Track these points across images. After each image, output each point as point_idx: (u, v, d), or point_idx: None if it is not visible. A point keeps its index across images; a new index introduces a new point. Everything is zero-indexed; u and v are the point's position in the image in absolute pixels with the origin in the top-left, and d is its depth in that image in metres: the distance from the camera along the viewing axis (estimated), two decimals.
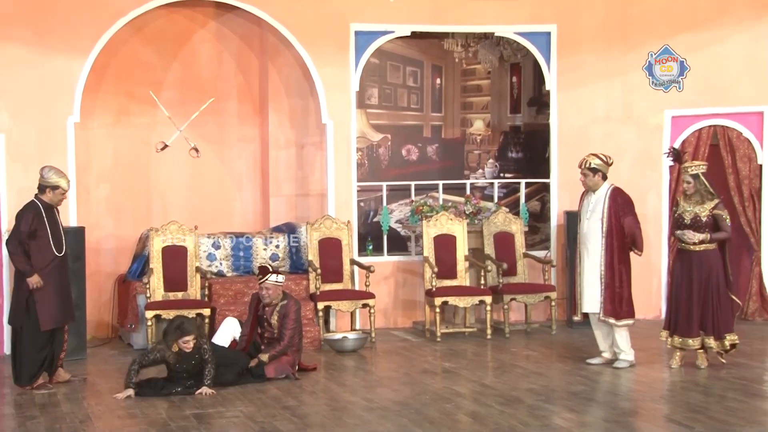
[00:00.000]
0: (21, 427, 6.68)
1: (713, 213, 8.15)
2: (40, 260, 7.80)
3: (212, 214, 10.74)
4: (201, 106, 10.00)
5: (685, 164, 8.34)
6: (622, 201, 8.32)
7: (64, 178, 7.97)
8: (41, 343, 7.84)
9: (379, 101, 10.97)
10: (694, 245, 8.14)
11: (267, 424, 6.63)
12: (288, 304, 8.19)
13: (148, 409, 7.06)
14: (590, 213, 8.35)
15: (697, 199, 8.20)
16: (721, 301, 8.14)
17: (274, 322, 8.18)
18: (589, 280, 8.34)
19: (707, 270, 8.12)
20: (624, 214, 8.28)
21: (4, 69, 9.29)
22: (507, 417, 6.70)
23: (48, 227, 7.84)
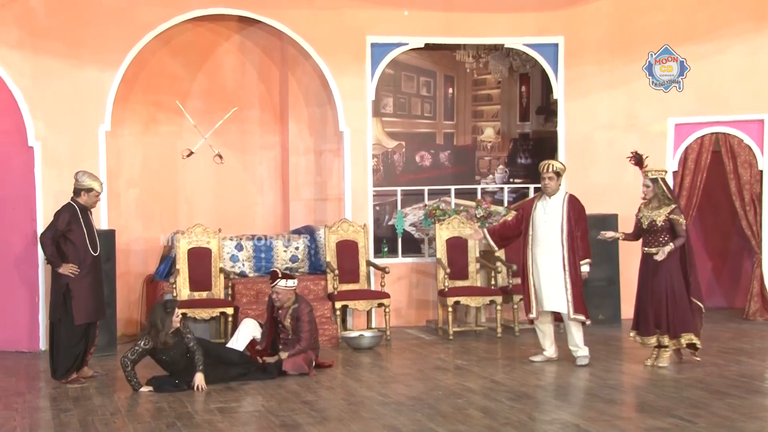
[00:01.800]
0: (55, 419, 6.73)
1: (670, 217, 8.05)
2: (77, 259, 7.89)
3: (235, 217, 10.77)
4: (225, 115, 10.04)
5: (645, 169, 8.25)
6: (580, 208, 8.26)
7: (97, 181, 8.07)
8: (76, 338, 7.91)
9: (394, 110, 10.99)
10: (652, 249, 8.07)
11: (287, 417, 6.65)
12: (299, 307, 8.19)
13: (174, 403, 7.10)
14: (547, 217, 8.26)
15: (654, 204, 8.12)
16: (677, 302, 8.04)
17: (288, 324, 8.20)
18: (550, 280, 8.24)
19: (664, 272, 8.03)
20: (578, 221, 8.20)
21: (40, 80, 9.36)
22: (516, 412, 6.70)
23: (84, 228, 7.93)
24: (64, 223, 7.91)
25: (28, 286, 9.36)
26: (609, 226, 10.45)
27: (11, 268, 9.41)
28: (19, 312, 9.40)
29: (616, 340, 9.61)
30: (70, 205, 8.03)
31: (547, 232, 8.24)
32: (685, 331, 8.07)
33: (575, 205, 8.26)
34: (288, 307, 8.21)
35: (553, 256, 8.22)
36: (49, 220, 8.33)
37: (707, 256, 11.84)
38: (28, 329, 9.37)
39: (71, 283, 7.87)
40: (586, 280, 8.33)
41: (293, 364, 8.03)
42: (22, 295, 9.39)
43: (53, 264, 7.92)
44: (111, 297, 9.11)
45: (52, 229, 7.93)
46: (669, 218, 8.05)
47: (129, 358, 7.51)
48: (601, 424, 6.33)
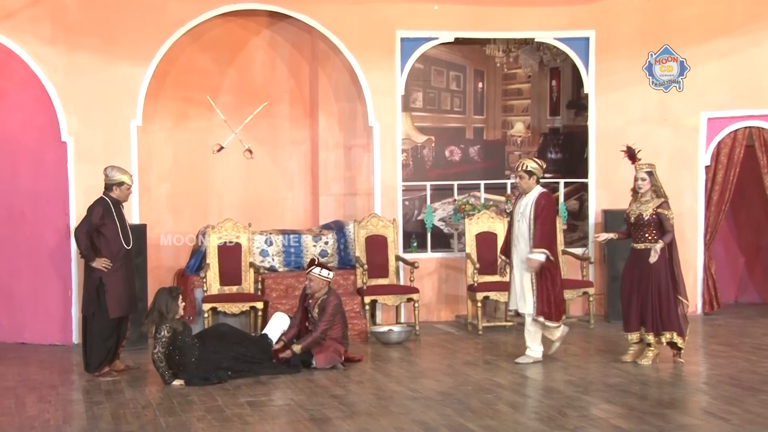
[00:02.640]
0: (88, 412, 6.80)
1: (657, 212, 7.96)
2: (110, 252, 7.97)
3: (265, 212, 10.81)
4: (255, 110, 10.08)
5: (639, 162, 8.17)
6: (543, 203, 8.15)
7: (126, 174, 8.15)
8: (108, 332, 7.99)
9: (424, 104, 10.97)
10: (638, 244, 7.99)
11: (316, 411, 6.67)
12: (328, 299, 8.21)
13: (204, 397, 7.15)
14: (521, 215, 8.24)
15: (648, 197, 8.03)
16: (661, 300, 7.95)
17: (315, 315, 8.23)
18: (520, 282, 8.19)
19: (650, 268, 7.94)
20: (539, 216, 8.11)
21: (73, 76, 9.44)
22: (546, 407, 6.68)
23: (117, 222, 8.02)
24: (98, 218, 7.98)
25: (61, 279, 9.47)
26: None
27: (45, 262, 9.52)
28: (52, 305, 9.51)
29: None
30: (102, 200, 8.09)
31: (520, 231, 8.23)
32: (668, 330, 7.98)
33: (539, 202, 8.16)
34: (318, 297, 8.24)
35: (522, 255, 8.18)
36: (82, 214, 8.42)
37: (740, 252, 11.73)
38: (62, 322, 9.48)
39: (104, 277, 7.94)
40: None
41: (326, 358, 8.04)
42: (56, 288, 9.49)
43: (87, 258, 7.99)
44: (142, 291, 9.17)
45: (86, 224, 8.00)
46: (657, 212, 7.96)
47: (160, 351, 7.56)
48: (632, 420, 6.30)
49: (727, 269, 11.54)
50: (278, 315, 8.56)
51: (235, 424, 6.40)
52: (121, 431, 6.28)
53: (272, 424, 6.40)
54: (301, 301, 8.38)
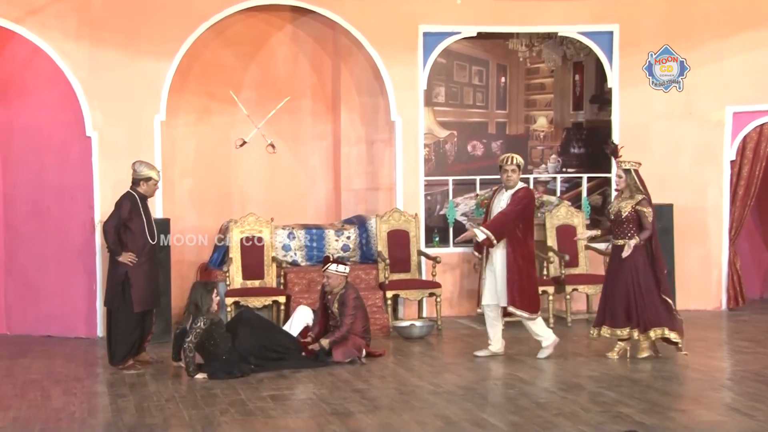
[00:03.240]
0: (113, 405, 6.85)
1: (636, 209, 7.94)
2: (136, 247, 8.02)
3: (287, 206, 10.83)
4: (277, 105, 10.10)
5: (619, 159, 8.15)
6: (520, 196, 8.11)
7: (154, 170, 8.22)
8: (133, 325, 8.04)
9: (446, 99, 10.95)
10: (618, 240, 7.97)
11: (339, 405, 6.68)
12: (346, 293, 8.22)
13: (227, 391, 7.18)
14: (499, 209, 8.19)
15: (627, 194, 8.01)
16: (644, 296, 7.90)
17: (335, 310, 8.24)
18: (497, 275, 8.17)
19: (629, 265, 7.89)
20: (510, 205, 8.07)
21: (98, 71, 9.50)
22: (569, 403, 6.66)
23: (143, 217, 8.09)
24: (126, 212, 8.03)
25: (86, 273, 9.53)
26: (664, 216, 10.36)
27: (70, 256, 9.60)
28: (77, 299, 9.58)
29: None
30: (130, 194, 8.14)
31: None
32: (656, 326, 7.93)
33: (516, 194, 8.14)
34: (336, 293, 8.25)
35: (500, 250, 8.15)
36: (107, 209, 8.50)
37: (766, 247, 11.65)
38: (86, 316, 9.55)
39: (129, 271, 7.99)
40: None
41: (343, 352, 8.06)
42: (81, 282, 9.56)
43: (114, 252, 8.03)
44: (165, 285, 9.22)
45: (115, 218, 8.05)
46: (635, 209, 7.94)
47: (193, 341, 7.60)
48: (655, 416, 6.26)
49: (752, 265, 11.45)
50: (301, 308, 8.59)
51: (257, 417, 6.42)
52: (144, 424, 6.32)
53: (295, 418, 6.41)
54: (321, 299, 8.40)
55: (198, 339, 7.60)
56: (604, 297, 8.14)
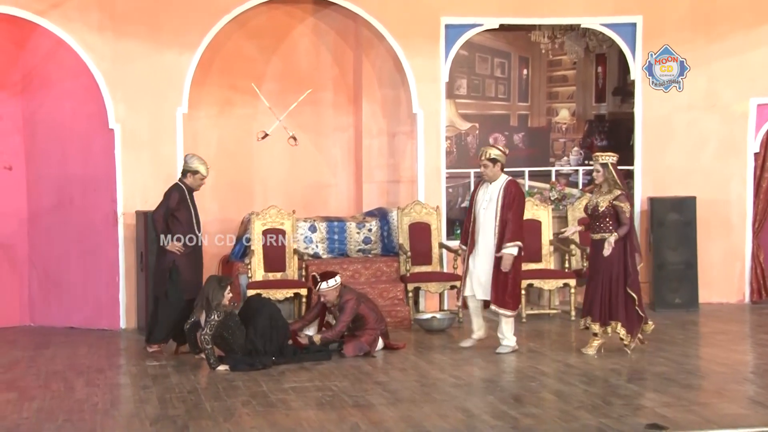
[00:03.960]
0: (135, 396, 6.89)
1: (613, 203, 7.88)
2: (184, 237, 8.19)
3: (309, 199, 10.83)
4: (299, 97, 10.09)
5: (596, 153, 8.11)
6: (514, 192, 8.09)
7: (203, 165, 8.39)
8: (177, 313, 8.17)
9: (468, 91, 10.91)
10: (595, 235, 7.94)
11: (360, 398, 6.69)
12: (344, 301, 8.18)
13: (249, 382, 7.20)
14: (487, 203, 8.16)
15: (604, 189, 7.98)
16: (611, 289, 7.88)
17: (336, 313, 8.28)
18: (482, 269, 8.14)
19: (608, 260, 7.86)
20: (510, 206, 8.04)
21: (121, 63, 9.53)
22: (590, 396, 6.63)
23: (192, 208, 8.31)
24: (175, 202, 8.22)
25: (108, 265, 9.58)
26: (687, 209, 10.31)
27: (93, 248, 9.65)
28: (100, 291, 9.64)
29: (693, 325, 9.45)
30: (178, 185, 8.33)
31: (486, 219, 8.16)
32: (614, 319, 7.91)
33: (509, 191, 8.10)
34: (336, 303, 8.25)
35: (488, 243, 8.13)
36: (129, 200, 8.65)
37: None
38: (109, 308, 9.60)
39: (177, 260, 8.16)
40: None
41: (354, 347, 8.06)
42: (104, 274, 9.61)
43: (162, 241, 8.20)
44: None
45: (163, 207, 8.23)
46: (612, 204, 7.90)
47: (208, 334, 7.63)
48: (678, 410, 6.23)
49: None
50: None
51: (279, 409, 6.43)
52: (167, 415, 6.35)
53: (316, 410, 6.42)
54: (320, 306, 8.35)
55: (213, 331, 7.63)
56: (587, 291, 8.13)
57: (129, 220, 9.54)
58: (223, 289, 7.75)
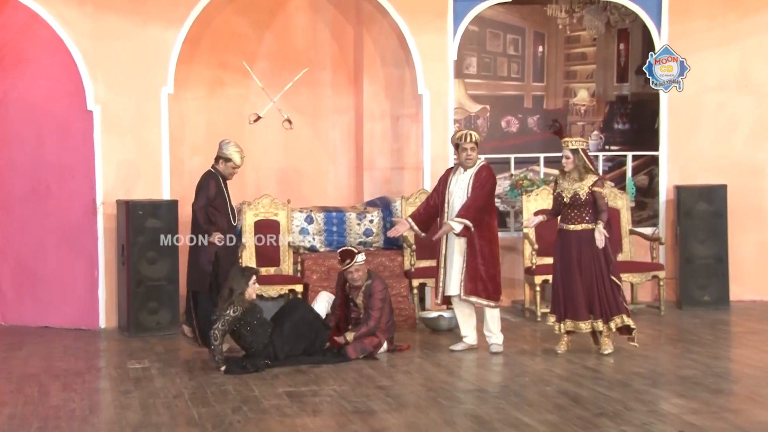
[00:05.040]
0: (116, 402, 6.86)
1: (592, 190, 7.94)
2: (220, 227, 8.36)
3: (305, 187, 10.82)
4: (295, 77, 10.04)
5: (564, 139, 8.12)
6: (484, 176, 8.14)
7: (238, 154, 8.52)
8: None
9: (478, 71, 10.87)
10: (575, 225, 7.97)
11: (360, 403, 6.66)
12: (373, 284, 8.18)
13: (240, 386, 7.17)
14: (461, 192, 8.19)
15: (575, 176, 8.00)
16: (604, 283, 7.94)
17: (360, 302, 8.20)
18: (454, 261, 8.18)
19: (589, 250, 7.91)
20: (476, 188, 8.08)
21: (101, 40, 9.49)
22: (611, 401, 6.60)
23: (227, 197, 8.46)
24: (214, 191, 8.38)
25: (87, 259, 9.56)
26: (717, 198, 10.28)
27: (71, 240, 9.63)
28: (78, 287, 9.62)
29: (723, 324, 9.43)
30: (213, 173, 8.48)
31: (456, 207, 8.18)
32: (616, 314, 7.97)
33: (479, 175, 8.17)
34: (361, 285, 8.20)
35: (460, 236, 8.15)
36: (109, 188, 8.59)
37: None
38: (88, 305, 9.58)
39: (219, 252, 8.29)
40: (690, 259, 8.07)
41: (355, 348, 8.02)
42: (82, 268, 9.59)
43: (206, 232, 8.30)
44: (173, 272, 9.26)
45: (203, 198, 8.38)
46: (592, 191, 7.95)
47: (219, 329, 7.62)
48: (707, 416, 6.20)
49: None
50: (323, 294, 8.55)
51: (272, 416, 6.41)
52: (150, 422, 6.32)
53: (313, 417, 6.40)
54: (341, 290, 8.31)
55: (227, 327, 7.62)
56: (561, 287, 8.08)
57: (109, 210, 9.51)
58: (246, 278, 7.77)
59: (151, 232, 9.22)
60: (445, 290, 8.32)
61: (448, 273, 8.26)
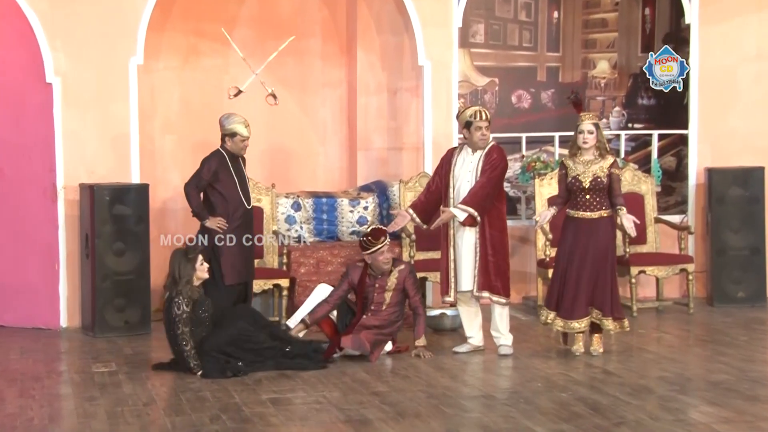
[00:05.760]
0: (79, 409, 6.87)
1: (611, 171, 7.99)
2: (226, 212, 8.49)
3: (292, 170, 10.84)
4: (280, 46, 10.06)
5: (582, 113, 8.17)
6: (495, 158, 8.18)
7: (241, 124, 8.67)
8: (228, 301, 8.31)
9: (486, 39, 10.88)
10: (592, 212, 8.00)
11: (353, 412, 6.68)
12: (405, 269, 8.33)
13: (219, 392, 7.19)
14: (469, 174, 8.22)
15: (590, 156, 8.04)
16: (613, 277, 8.02)
17: (386, 295, 8.22)
18: (463, 252, 8.22)
19: (603, 241, 7.97)
20: (485, 171, 8.11)
21: (61, 3, 9.47)
22: (633, 409, 6.63)
23: (235, 177, 8.54)
24: (209, 173, 8.52)
25: (46, 251, 9.56)
26: (754, 182, 10.31)
27: (27, 231, 9.61)
28: (36, 281, 9.61)
29: (759, 323, 9.50)
30: (218, 152, 8.65)
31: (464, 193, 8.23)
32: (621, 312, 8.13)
33: (489, 156, 8.20)
34: (390, 269, 8.22)
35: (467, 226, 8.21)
36: (71, 171, 8.66)
37: None
38: (47, 302, 9.58)
39: (219, 239, 8.40)
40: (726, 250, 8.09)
41: (353, 341, 8.04)
42: (40, 261, 9.59)
43: (199, 217, 8.52)
44: (144, 266, 9.28)
45: (196, 178, 8.54)
46: (609, 172, 8.00)
47: (183, 330, 7.59)
48: (740, 426, 6.24)
49: None
50: (322, 287, 8.54)
51: (255, 425, 6.43)
52: None
53: (300, 427, 6.42)
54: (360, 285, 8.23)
55: (188, 326, 7.59)
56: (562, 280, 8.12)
57: (71, 195, 9.51)
58: (192, 261, 7.72)
59: (119, 220, 9.22)
60: (458, 285, 8.32)
61: (459, 266, 8.27)
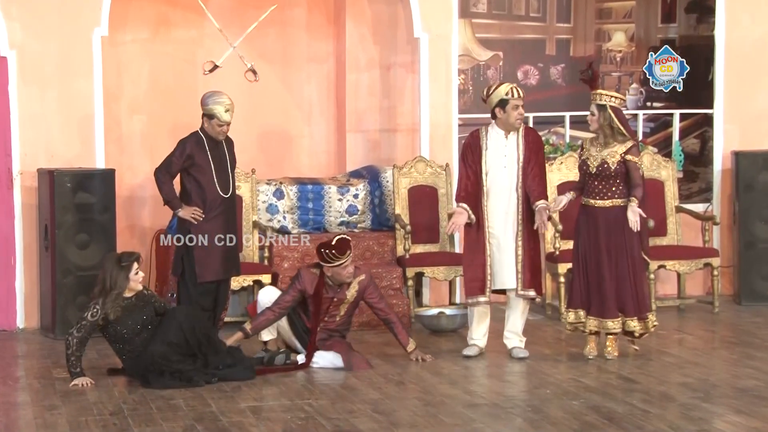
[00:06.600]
0: (38, 419, 6.88)
1: (625, 159, 8.01)
2: (202, 200, 8.44)
3: (274, 154, 10.84)
4: (260, 16, 10.05)
5: (596, 91, 8.20)
6: (538, 141, 8.37)
7: (221, 105, 8.49)
8: (204, 298, 8.33)
9: (489, 9, 10.87)
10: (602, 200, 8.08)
11: (342, 421, 6.70)
12: (365, 280, 8.22)
13: (194, 400, 7.21)
14: (507, 160, 8.27)
15: (600, 140, 8.09)
16: (636, 273, 8.08)
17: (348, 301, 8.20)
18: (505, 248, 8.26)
19: (620, 233, 8.02)
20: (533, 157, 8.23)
21: None
22: (652, 419, 6.66)
23: (212, 163, 8.43)
24: (180, 156, 8.43)
25: (1, 244, 9.55)
26: None
27: None
28: None
29: None
30: (195, 134, 8.56)
31: (508, 180, 8.28)
32: (648, 310, 8.19)
33: (528, 138, 8.30)
34: (351, 281, 8.18)
35: (510, 214, 8.28)
36: (29, 155, 8.75)
37: None
38: (3, 300, 9.59)
39: (194, 230, 8.37)
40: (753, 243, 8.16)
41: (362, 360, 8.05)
42: None
43: (171, 206, 8.48)
44: None
45: (167, 163, 8.48)
46: (624, 159, 8.01)
47: (75, 336, 7.59)
48: None
49: None
50: (267, 290, 8.49)
51: None
52: None
53: None
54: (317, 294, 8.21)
55: (83, 333, 7.56)
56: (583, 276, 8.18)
57: (29, 182, 9.52)
58: (126, 270, 7.67)
59: (82, 209, 9.22)
60: (492, 283, 8.35)
61: (498, 261, 8.29)
